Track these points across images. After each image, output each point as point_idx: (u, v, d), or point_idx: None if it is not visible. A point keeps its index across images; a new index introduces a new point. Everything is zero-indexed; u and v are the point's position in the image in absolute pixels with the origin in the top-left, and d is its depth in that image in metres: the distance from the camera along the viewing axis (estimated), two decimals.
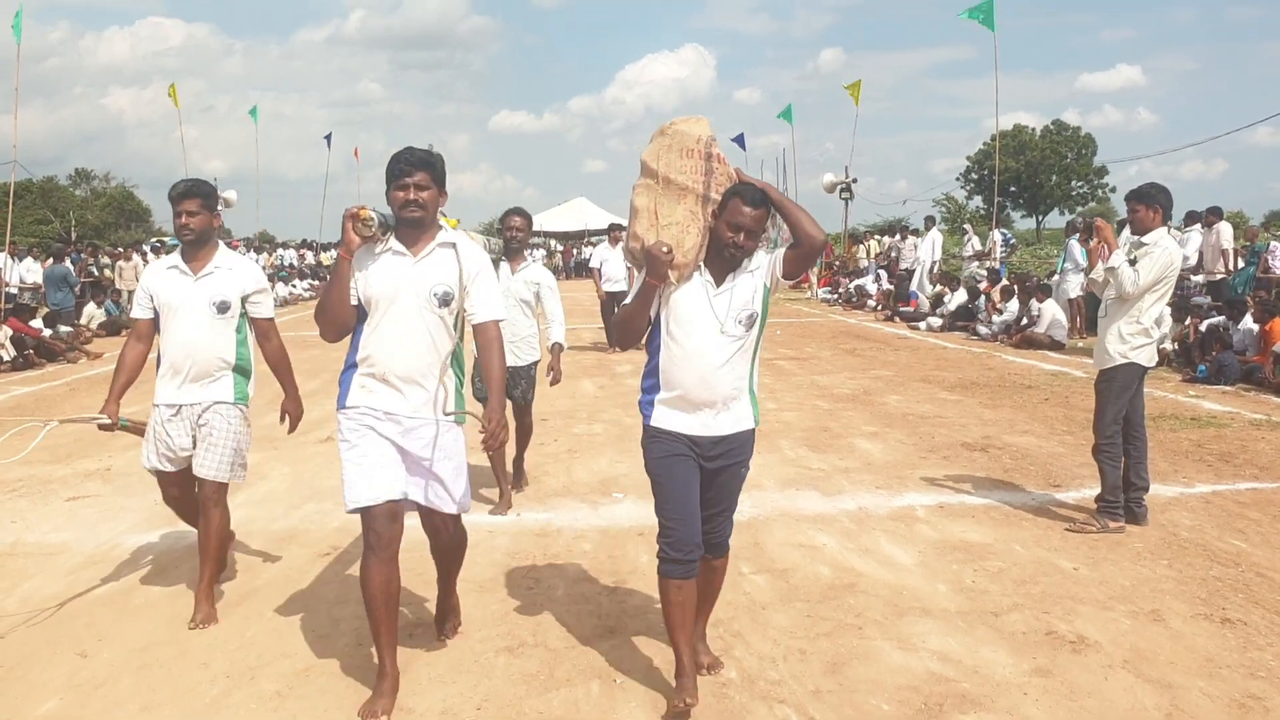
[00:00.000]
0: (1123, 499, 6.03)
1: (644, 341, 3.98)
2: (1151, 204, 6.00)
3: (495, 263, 5.85)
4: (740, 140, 42.44)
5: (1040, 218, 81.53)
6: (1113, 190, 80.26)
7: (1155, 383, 9.76)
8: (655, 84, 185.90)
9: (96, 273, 24.60)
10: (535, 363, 7.06)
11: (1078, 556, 5.54)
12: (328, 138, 47.01)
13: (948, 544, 5.81)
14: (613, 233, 17.31)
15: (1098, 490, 6.79)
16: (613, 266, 15.99)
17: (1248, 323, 12.07)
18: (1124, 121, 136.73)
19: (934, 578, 5.26)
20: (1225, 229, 16.19)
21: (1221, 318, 12.82)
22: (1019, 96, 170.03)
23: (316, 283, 35.13)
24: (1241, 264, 15.96)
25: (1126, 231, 14.12)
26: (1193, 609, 4.76)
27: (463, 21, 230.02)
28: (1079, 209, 75.94)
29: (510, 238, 6.80)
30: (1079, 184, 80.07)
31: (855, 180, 30.90)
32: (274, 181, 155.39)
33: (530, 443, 7.47)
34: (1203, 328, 12.67)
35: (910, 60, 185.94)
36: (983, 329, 17.02)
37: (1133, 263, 5.92)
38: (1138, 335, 5.97)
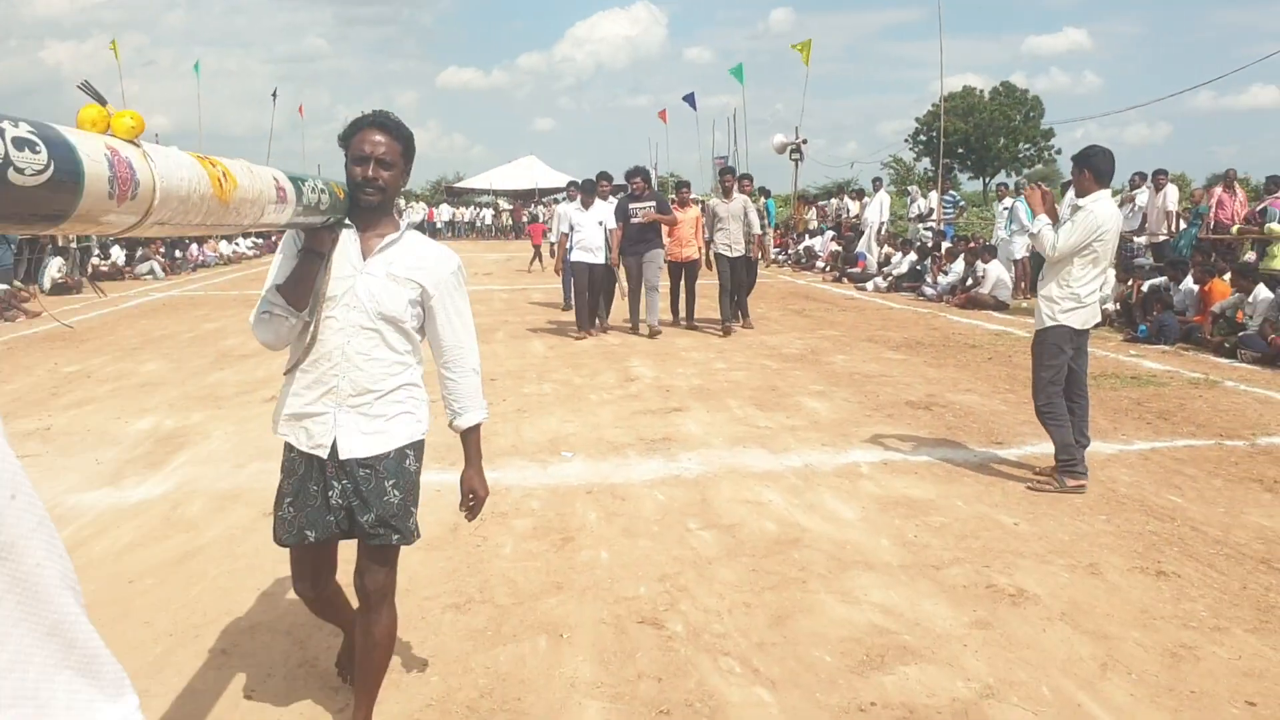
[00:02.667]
0: (1081, 455, 6.07)
1: None
2: (1080, 167, 6.05)
3: (326, 228, 3.07)
4: (691, 100, 42.44)
5: (988, 179, 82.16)
6: (1058, 153, 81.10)
7: (1097, 342, 9.89)
8: (606, 41, 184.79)
9: None
10: (413, 448, 3.27)
11: (1018, 512, 5.64)
12: (274, 94, 46.35)
13: (891, 500, 5.88)
14: (598, 187, 13.40)
15: (1039, 447, 6.94)
16: (587, 232, 12.80)
17: (1189, 283, 12.28)
18: (1070, 84, 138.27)
19: (877, 532, 5.32)
20: (1172, 191, 16.45)
21: (1163, 278, 13.04)
22: (967, 59, 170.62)
23: (261, 241, 34.66)
24: (1184, 225, 16.18)
25: (1070, 193, 14.33)
26: (1129, 562, 4.86)
27: None
28: (1025, 171, 76.77)
29: (366, 179, 3.10)
30: (1026, 146, 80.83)
31: (805, 141, 30.87)
32: (219, 138, 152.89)
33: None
34: (1144, 288, 12.88)
35: (860, 21, 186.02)
36: (928, 290, 17.17)
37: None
38: (1066, 299, 6.03)
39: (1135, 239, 16.19)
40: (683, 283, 13.97)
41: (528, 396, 8.98)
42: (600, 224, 12.91)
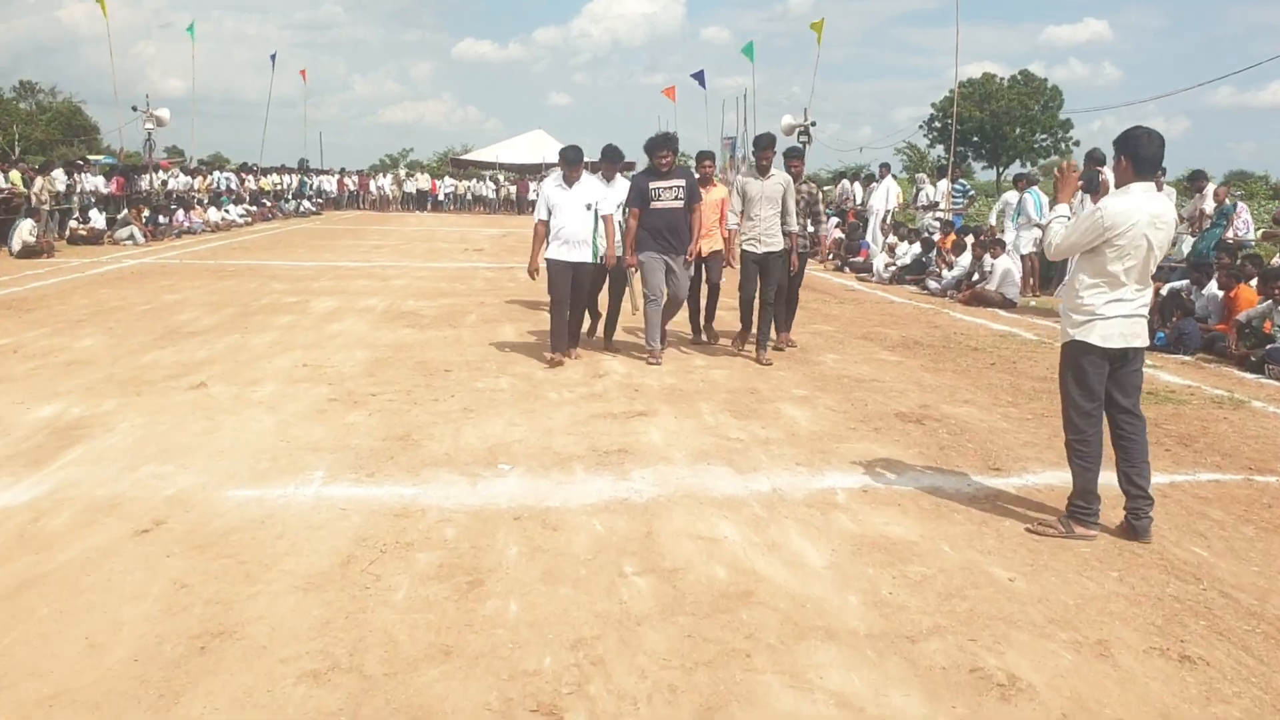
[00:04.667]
0: (1098, 507, 5.14)
1: None
2: (1118, 152, 5.07)
3: None
4: (700, 77, 41.39)
5: (1001, 169, 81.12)
6: (1076, 144, 79.96)
7: None
8: (623, 18, 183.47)
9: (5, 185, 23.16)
10: None
11: (1015, 562, 4.78)
12: (273, 57, 45.55)
13: (866, 540, 5.01)
14: (604, 168, 10.13)
15: (1042, 476, 6.12)
16: (568, 219, 9.29)
17: (1212, 288, 11.36)
18: (1089, 75, 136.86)
19: (845, 586, 4.47)
20: (1212, 192, 15.40)
21: (1184, 282, 12.12)
22: (986, 47, 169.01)
23: (254, 209, 33.77)
24: (1208, 225, 15.20)
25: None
26: (1146, 640, 4.00)
27: None
28: (1040, 161, 75.67)
29: None
30: (1043, 136, 79.68)
31: (814, 123, 29.80)
32: (230, 103, 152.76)
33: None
34: (1164, 291, 11.95)
35: (880, 6, 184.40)
36: (932, 283, 16.25)
37: None
38: (1077, 310, 5.10)
39: None
40: (702, 284, 10.80)
41: (479, 393, 8.12)
42: (589, 208, 9.37)
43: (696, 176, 10.31)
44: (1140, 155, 4.96)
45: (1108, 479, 5.32)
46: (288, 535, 4.94)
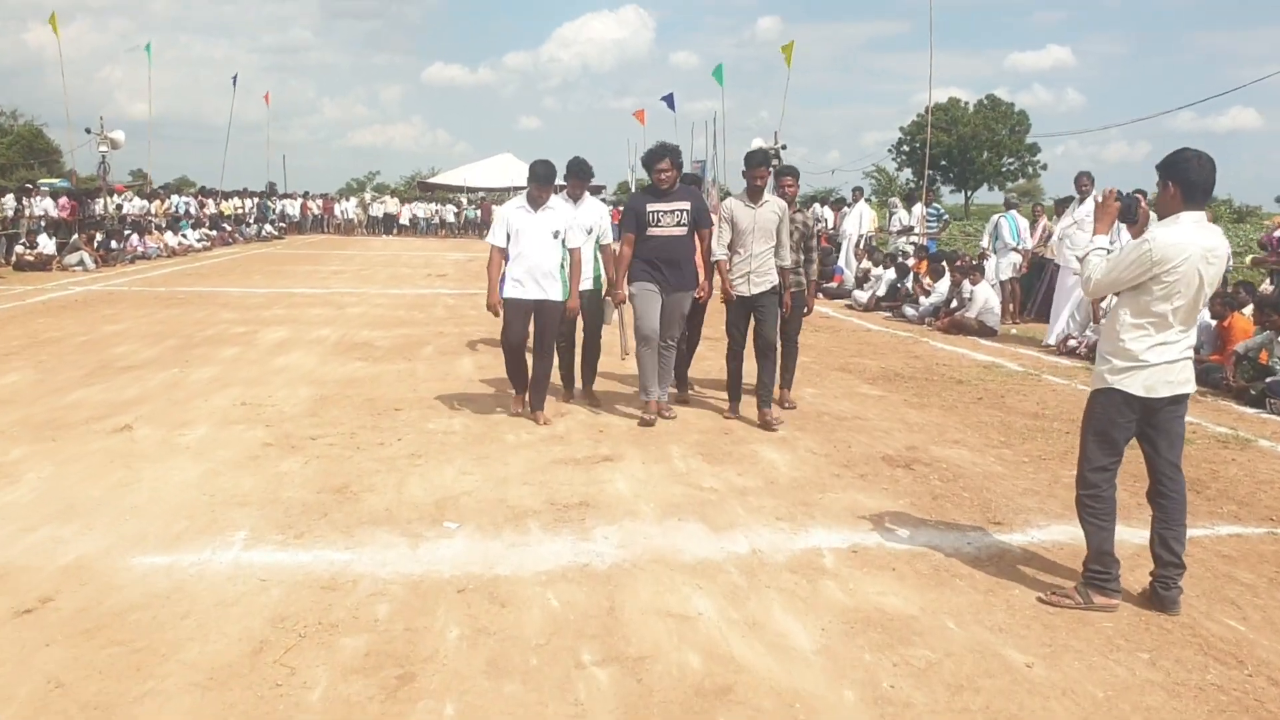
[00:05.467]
0: (1118, 571, 4.55)
1: None
2: (1164, 178, 4.45)
3: None
4: (669, 100, 41.03)
5: (969, 193, 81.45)
6: (1044, 168, 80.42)
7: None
8: (593, 43, 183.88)
9: None
10: None
11: (1030, 642, 4.17)
12: (234, 79, 44.88)
13: (860, 615, 4.40)
14: (571, 185, 8.58)
15: (1048, 531, 5.54)
16: (530, 248, 7.76)
17: (1204, 317, 10.87)
18: (1053, 101, 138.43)
19: (839, 676, 3.84)
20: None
21: None
22: (950, 72, 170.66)
23: (213, 234, 32.97)
24: None
25: (1074, 208, 12.84)
26: None
27: None
28: (1009, 185, 75.96)
29: None
30: (1010, 160, 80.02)
31: (785, 146, 29.31)
32: (199, 127, 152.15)
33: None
34: None
35: (847, 32, 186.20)
36: (910, 310, 15.73)
37: None
38: (1117, 354, 4.48)
39: None
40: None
41: (430, 435, 7.47)
42: (556, 235, 7.85)
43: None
44: (1190, 181, 4.36)
45: (1121, 536, 4.75)
46: (194, 614, 4.27)
